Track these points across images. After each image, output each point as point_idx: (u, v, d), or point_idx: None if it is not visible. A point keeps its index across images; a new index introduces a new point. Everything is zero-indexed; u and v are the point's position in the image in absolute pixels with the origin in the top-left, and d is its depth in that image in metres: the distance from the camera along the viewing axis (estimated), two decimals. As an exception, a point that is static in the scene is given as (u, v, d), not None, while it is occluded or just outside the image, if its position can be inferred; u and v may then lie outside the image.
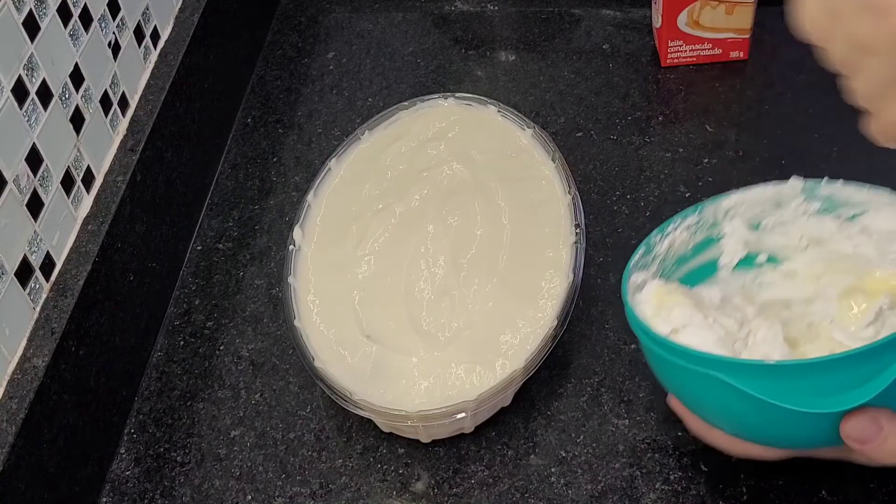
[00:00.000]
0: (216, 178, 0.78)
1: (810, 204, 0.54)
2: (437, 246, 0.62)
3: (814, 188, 0.54)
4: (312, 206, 0.65)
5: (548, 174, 0.64)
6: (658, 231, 0.55)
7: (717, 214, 0.56)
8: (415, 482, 0.58)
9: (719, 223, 0.56)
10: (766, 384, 0.44)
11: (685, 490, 0.56)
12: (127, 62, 0.69)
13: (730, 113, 0.77)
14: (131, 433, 0.63)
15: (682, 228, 0.55)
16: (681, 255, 0.56)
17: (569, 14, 0.86)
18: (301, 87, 0.84)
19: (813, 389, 0.43)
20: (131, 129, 0.68)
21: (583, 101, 0.79)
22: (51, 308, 0.57)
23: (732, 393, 0.44)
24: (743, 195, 0.55)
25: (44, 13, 0.58)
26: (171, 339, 0.67)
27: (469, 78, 0.82)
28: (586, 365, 0.62)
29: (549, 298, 0.58)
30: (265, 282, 0.70)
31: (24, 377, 0.54)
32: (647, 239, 0.55)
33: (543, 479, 0.57)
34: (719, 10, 0.76)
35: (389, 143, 0.68)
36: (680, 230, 0.55)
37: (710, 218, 0.56)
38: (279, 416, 0.62)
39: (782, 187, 0.54)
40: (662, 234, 0.55)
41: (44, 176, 0.58)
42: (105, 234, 0.61)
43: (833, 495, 0.55)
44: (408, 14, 0.89)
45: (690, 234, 0.56)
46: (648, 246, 0.54)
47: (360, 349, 0.58)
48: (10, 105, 0.55)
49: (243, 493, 0.59)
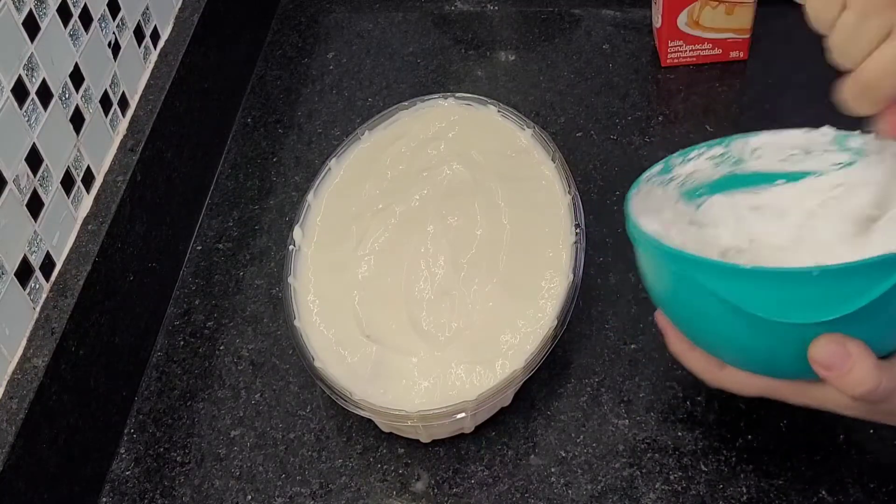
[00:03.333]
0: (216, 178, 0.78)
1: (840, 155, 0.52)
2: (437, 246, 0.62)
3: (845, 139, 0.52)
4: (312, 206, 0.65)
5: (548, 174, 0.64)
6: (680, 154, 0.54)
7: (744, 151, 0.54)
8: (415, 482, 0.58)
9: (745, 160, 0.54)
10: (739, 288, 0.43)
11: (685, 490, 0.56)
12: (127, 62, 0.69)
13: (730, 113, 0.77)
14: (131, 433, 0.63)
15: (706, 157, 0.54)
16: (699, 185, 0.55)
17: (569, 14, 0.86)
18: (301, 87, 0.84)
19: (786, 300, 0.43)
20: (131, 129, 0.68)
21: (583, 101, 0.79)
22: (51, 308, 0.57)
23: (707, 296, 0.44)
24: (772, 137, 0.53)
25: (44, 13, 0.58)
26: (171, 339, 0.67)
27: (469, 78, 0.82)
28: (586, 365, 0.62)
29: (549, 298, 0.58)
30: (265, 282, 0.70)
31: (24, 377, 0.54)
32: (667, 158, 0.53)
33: (543, 479, 0.57)
34: (719, 10, 0.76)
35: (389, 143, 0.68)
36: (704, 158, 0.54)
37: (736, 153, 0.54)
38: (279, 416, 0.62)
39: (813, 134, 0.53)
40: (685, 157, 0.54)
41: (44, 176, 0.58)
42: (105, 234, 0.61)
43: (833, 495, 0.55)
44: (408, 14, 0.89)
45: (714, 166, 0.54)
46: (667, 165, 0.53)
47: (360, 349, 0.58)
48: (10, 105, 0.55)
49: (243, 493, 0.59)
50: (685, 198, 0.54)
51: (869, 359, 0.42)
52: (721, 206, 0.54)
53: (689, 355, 0.51)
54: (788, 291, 0.43)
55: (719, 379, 0.50)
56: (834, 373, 0.43)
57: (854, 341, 0.43)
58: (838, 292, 0.42)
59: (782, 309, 0.43)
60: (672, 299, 0.50)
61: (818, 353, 0.43)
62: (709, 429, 0.58)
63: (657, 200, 0.53)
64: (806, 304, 0.43)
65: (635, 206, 0.51)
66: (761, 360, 0.48)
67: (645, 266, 0.50)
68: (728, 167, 0.54)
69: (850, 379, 0.43)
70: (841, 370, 0.43)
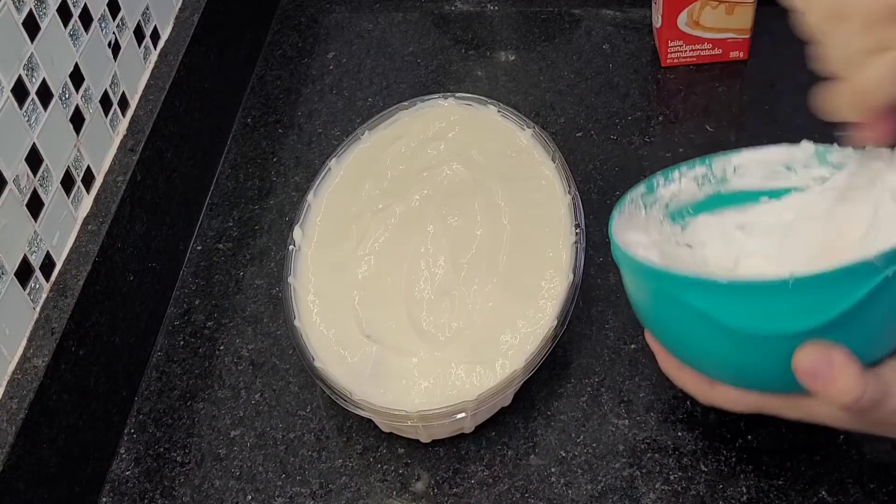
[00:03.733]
0: (216, 178, 0.78)
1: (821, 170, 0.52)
2: (437, 246, 0.62)
3: (825, 153, 0.52)
4: (312, 206, 0.65)
5: (548, 174, 0.64)
6: (662, 174, 0.54)
7: (726, 169, 0.54)
8: (415, 482, 0.58)
9: (728, 179, 0.54)
10: (717, 301, 0.43)
11: (685, 490, 0.56)
12: (127, 62, 0.69)
13: (730, 113, 0.77)
14: (131, 433, 0.63)
15: (688, 178, 0.54)
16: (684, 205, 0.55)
17: (569, 14, 0.86)
18: (301, 87, 0.84)
19: (763, 312, 0.43)
20: (131, 129, 0.68)
21: (583, 101, 0.79)
22: (51, 308, 0.57)
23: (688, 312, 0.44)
24: (753, 153, 0.54)
25: (44, 13, 0.58)
26: (171, 339, 0.67)
27: (469, 78, 0.82)
28: (586, 365, 0.62)
29: (549, 298, 0.58)
30: (265, 282, 0.70)
31: (24, 377, 0.54)
32: (649, 179, 0.53)
33: (543, 479, 0.57)
34: (719, 10, 0.76)
35: (389, 143, 0.68)
36: (687, 179, 0.54)
37: (719, 172, 0.54)
38: (279, 416, 0.62)
39: (794, 150, 0.53)
40: (667, 178, 0.54)
41: (44, 176, 0.58)
42: (105, 234, 0.61)
43: (833, 495, 0.55)
44: (408, 14, 0.89)
45: (698, 186, 0.54)
46: (650, 186, 0.53)
47: (360, 349, 0.58)
48: (10, 105, 0.55)
49: (243, 493, 0.59)
50: (670, 219, 0.54)
51: (853, 367, 0.42)
52: (707, 225, 0.54)
53: (679, 375, 0.51)
54: (765, 303, 0.43)
55: (710, 397, 0.50)
56: (819, 381, 0.43)
57: (837, 350, 0.42)
58: (815, 301, 0.42)
59: (760, 320, 0.43)
60: (656, 318, 0.50)
61: (801, 362, 0.43)
62: (709, 429, 0.58)
63: (642, 221, 0.53)
64: (783, 315, 0.43)
65: (619, 226, 0.51)
66: (749, 375, 0.48)
67: (629, 286, 0.50)
68: (712, 186, 0.54)
69: (834, 388, 0.42)
70: (825, 378, 0.42)
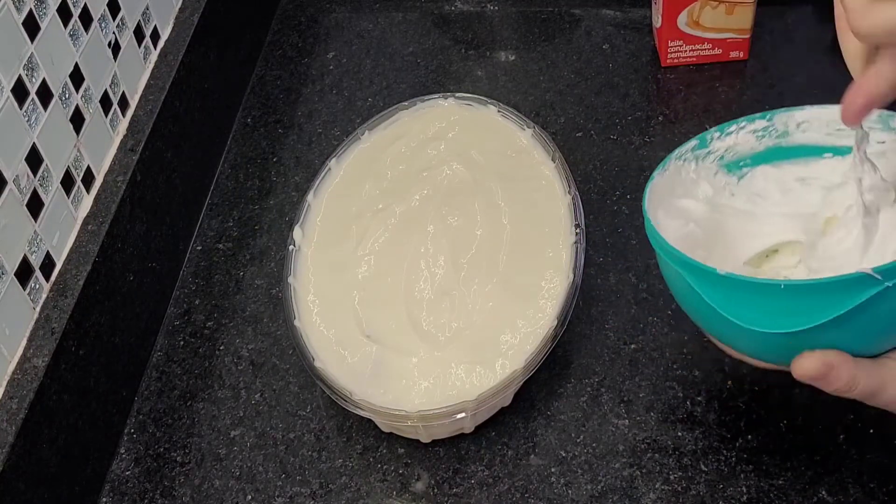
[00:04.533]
0: (216, 178, 0.78)
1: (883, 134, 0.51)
2: (437, 246, 0.62)
3: (889, 119, 0.51)
4: (312, 206, 0.65)
5: (548, 174, 0.64)
6: (717, 129, 0.53)
7: (788, 124, 0.54)
8: (415, 482, 0.58)
9: (790, 133, 0.54)
10: (718, 293, 0.44)
11: (685, 490, 0.56)
12: (127, 62, 0.69)
13: (730, 113, 0.77)
14: (131, 433, 0.63)
15: (748, 130, 0.53)
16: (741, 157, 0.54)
17: (569, 14, 0.86)
18: (301, 87, 0.84)
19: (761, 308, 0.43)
20: (131, 129, 0.68)
21: (583, 101, 0.79)
22: (51, 308, 0.57)
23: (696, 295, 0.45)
24: (818, 111, 0.53)
25: (44, 13, 0.58)
26: (171, 339, 0.67)
27: (469, 78, 0.82)
28: (586, 365, 0.62)
29: (548, 298, 0.58)
30: (265, 282, 0.70)
31: (24, 377, 0.54)
32: (701, 134, 0.53)
33: (543, 479, 0.57)
34: (719, 10, 0.76)
35: (389, 143, 0.68)
36: (745, 133, 0.53)
37: (780, 126, 0.54)
38: (279, 416, 0.62)
39: None
40: (722, 132, 0.53)
41: (44, 176, 0.58)
42: (105, 234, 0.61)
43: (833, 495, 0.55)
44: (408, 14, 0.89)
45: (757, 139, 0.54)
46: (703, 140, 0.53)
47: (360, 349, 0.58)
48: (10, 105, 0.55)
49: (243, 493, 0.59)
50: (725, 170, 0.54)
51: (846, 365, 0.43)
52: (766, 176, 0.54)
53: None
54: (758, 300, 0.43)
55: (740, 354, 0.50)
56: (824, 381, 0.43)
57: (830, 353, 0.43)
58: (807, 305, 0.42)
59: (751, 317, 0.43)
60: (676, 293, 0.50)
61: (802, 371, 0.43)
62: (709, 429, 0.58)
63: (691, 174, 0.53)
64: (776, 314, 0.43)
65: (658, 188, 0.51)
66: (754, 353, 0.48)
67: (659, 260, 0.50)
68: (773, 140, 0.54)
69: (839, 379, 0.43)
70: (828, 376, 0.43)
